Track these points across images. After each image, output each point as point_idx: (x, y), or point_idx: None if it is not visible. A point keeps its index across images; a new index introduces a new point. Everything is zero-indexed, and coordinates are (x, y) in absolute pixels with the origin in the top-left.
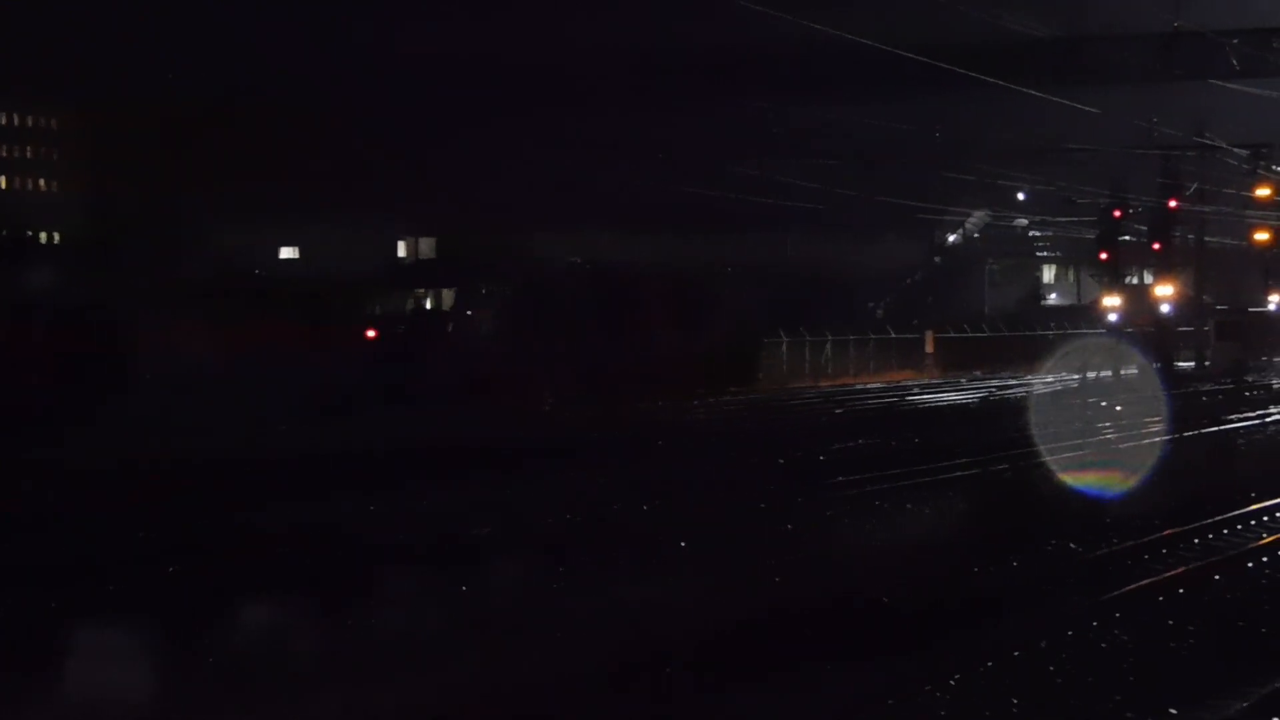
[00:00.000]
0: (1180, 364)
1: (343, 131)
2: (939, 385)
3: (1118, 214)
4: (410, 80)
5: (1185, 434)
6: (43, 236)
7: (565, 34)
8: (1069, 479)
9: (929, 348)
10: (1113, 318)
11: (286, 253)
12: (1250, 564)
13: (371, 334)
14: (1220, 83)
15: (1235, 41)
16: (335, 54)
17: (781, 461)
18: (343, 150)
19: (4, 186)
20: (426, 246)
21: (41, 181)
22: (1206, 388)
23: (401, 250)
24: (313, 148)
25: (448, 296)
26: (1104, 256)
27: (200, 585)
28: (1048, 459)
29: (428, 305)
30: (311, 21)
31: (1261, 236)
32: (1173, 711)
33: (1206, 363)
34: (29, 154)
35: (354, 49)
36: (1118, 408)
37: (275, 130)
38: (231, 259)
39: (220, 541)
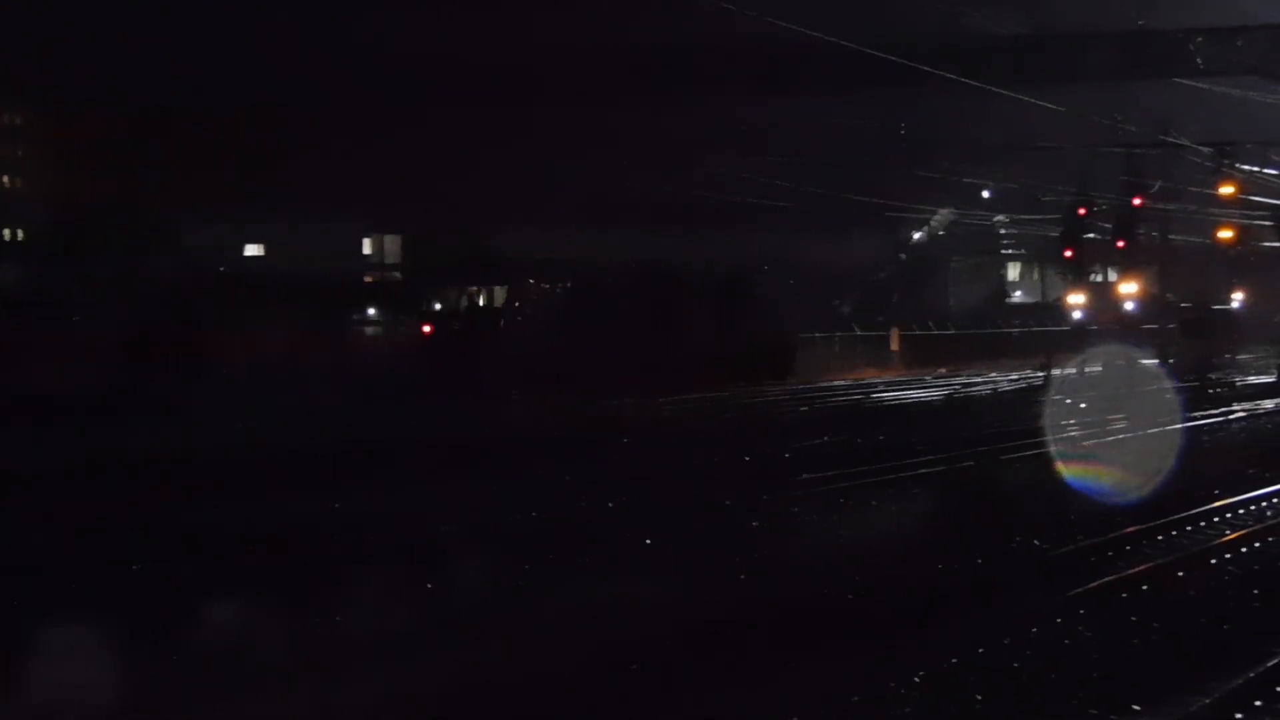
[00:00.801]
0: (1144, 361)
1: (307, 128)
2: (905, 382)
3: (1082, 212)
4: (377, 77)
5: (1149, 431)
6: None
7: (533, 31)
8: (1033, 476)
9: (894, 345)
10: (1077, 315)
11: (252, 249)
12: (1214, 561)
13: (427, 329)
14: (1185, 81)
15: (1199, 40)
16: (301, 52)
17: (747, 459)
18: (308, 147)
19: None
20: (392, 244)
21: (6, 179)
22: (1171, 384)
23: (367, 248)
24: (278, 144)
25: (499, 294)
26: (1068, 254)
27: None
28: (1012, 456)
29: (480, 302)
30: (278, 19)
31: (1225, 234)
32: (1136, 708)
33: (1170, 360)
34: None
35: (320, 47)
36: (1082, 405)
37: (240, 127)
38: (197, 256)
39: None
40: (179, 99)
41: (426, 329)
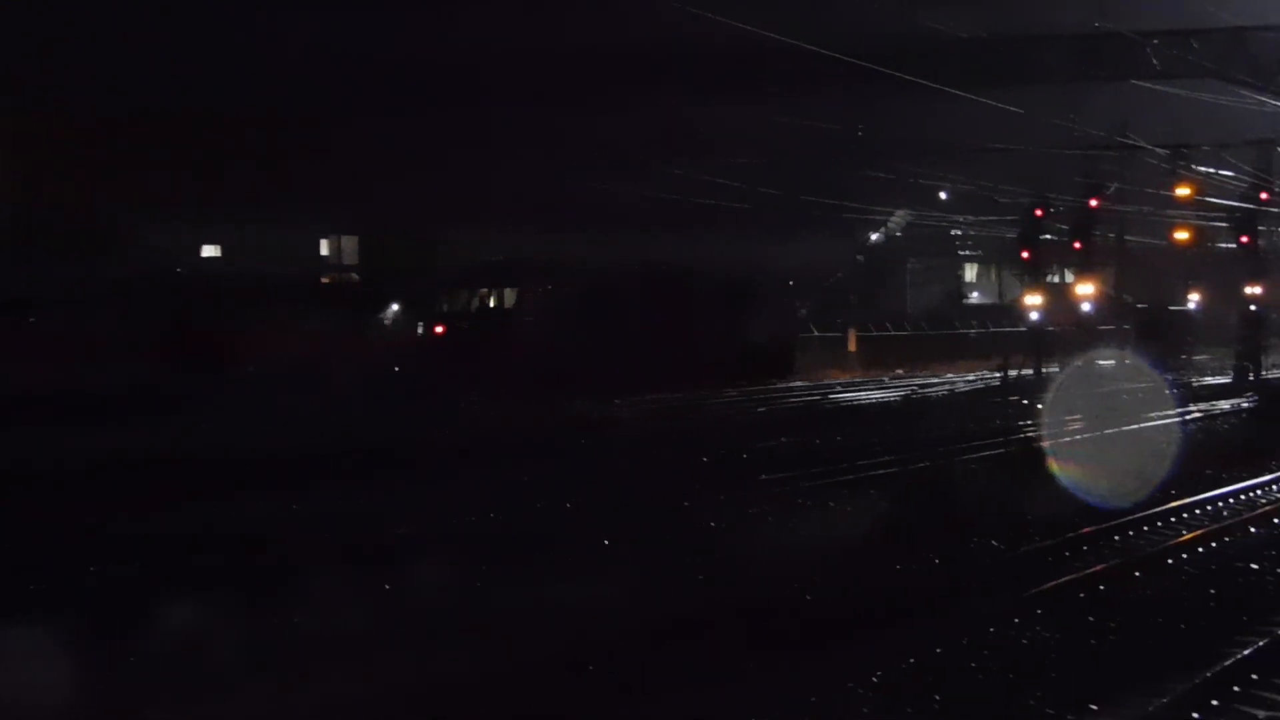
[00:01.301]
0: (1101, 362)
1: (264, 129)
2: (862, 384)
3: (1039, 213)
4: (335, 78)
5: (1106, 431)
6: None
7: (484, 32)
8: (991, 477)
9: (851, 346)
10: (1034, 316)
11: (209, 251)
12: (1170, 560)
13: (439, 330)
14: (1141, 83)
15: (1156, 42)
16: (257, 53)
17: (705, 459)
18: (264, 148)
19: None
20: (349, 245)
21: None
22: (1127, 386)
23: (324, 249)
24: (234, 145)
25: (509, 295)
26: (1025, 255)
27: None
28: (969, 457)
29: (491, 303)
30: (233, 20)
31: (1182, 236)
32: (1093, 708)
33: (1127, 361)
34: None
35: (276, 48)
36: (1039, 406)
37: (197, 129)
38: (154, 257)
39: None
40: (133, 100)
41: (439, 329)
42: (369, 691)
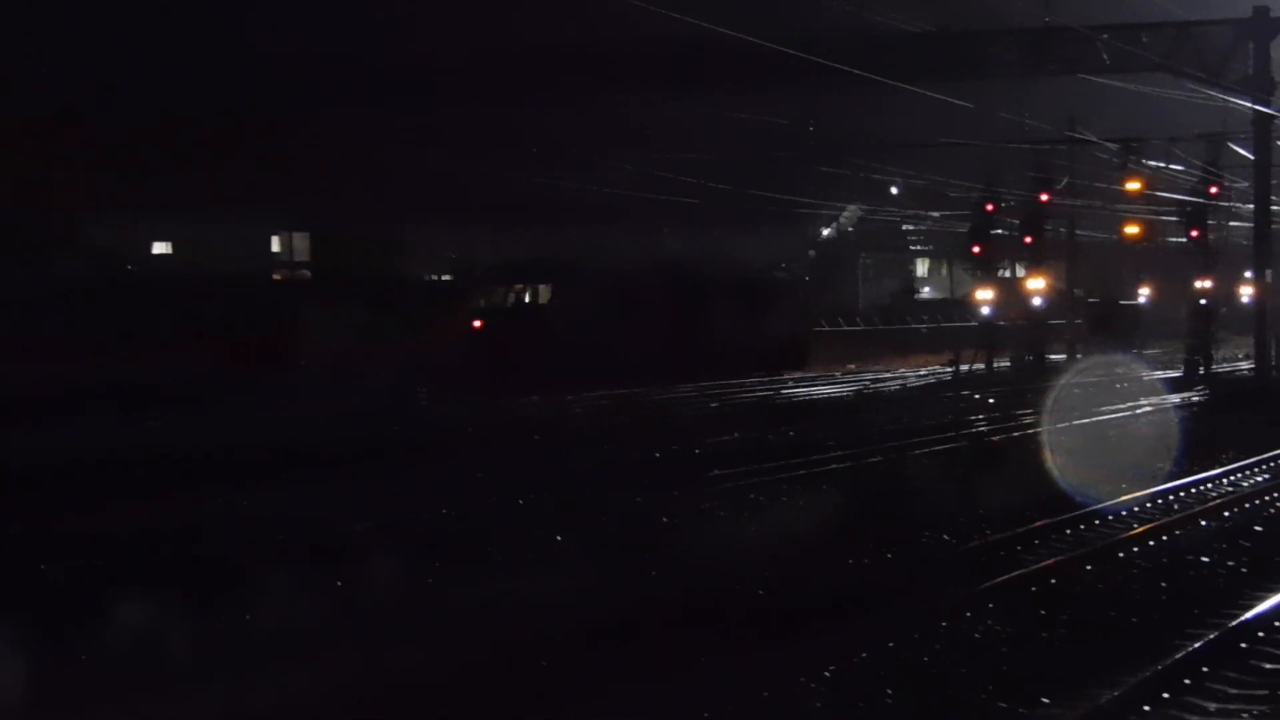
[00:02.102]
0: (1052, 356)
1: (213, 125)
2: (814, 378)
3: (990, 208)
4: (285, 76)
5: (1057, 425)
6: None
7: (438, 29)
8: (942, 471)
9: None
10: (985, 311)
11: (159, 248)
12: (1121, 554)
13: (477, 324)
14: (1091, 77)
15: (1106, 37)
16: (207, 51)
17: (657, 455)
18: (215, 145)
19: None
20: (301, 242)
21: None
22: (1078, 380)
23: (275, 245)
24: (184, 142)
25: (544, 291)
26: (976, 250)
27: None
28: (921, 451)
29: (526, 299)
30: (182, 18)
31: (1132, 230)
32: (1045, 701)
33: (1079, 355)
34: None
35: (227, 46)
36: (990, 400)
37: (146, 126)
38: (104, 254)
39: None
40: (81, 97)
41: (477, 323)
42: (317, 689)
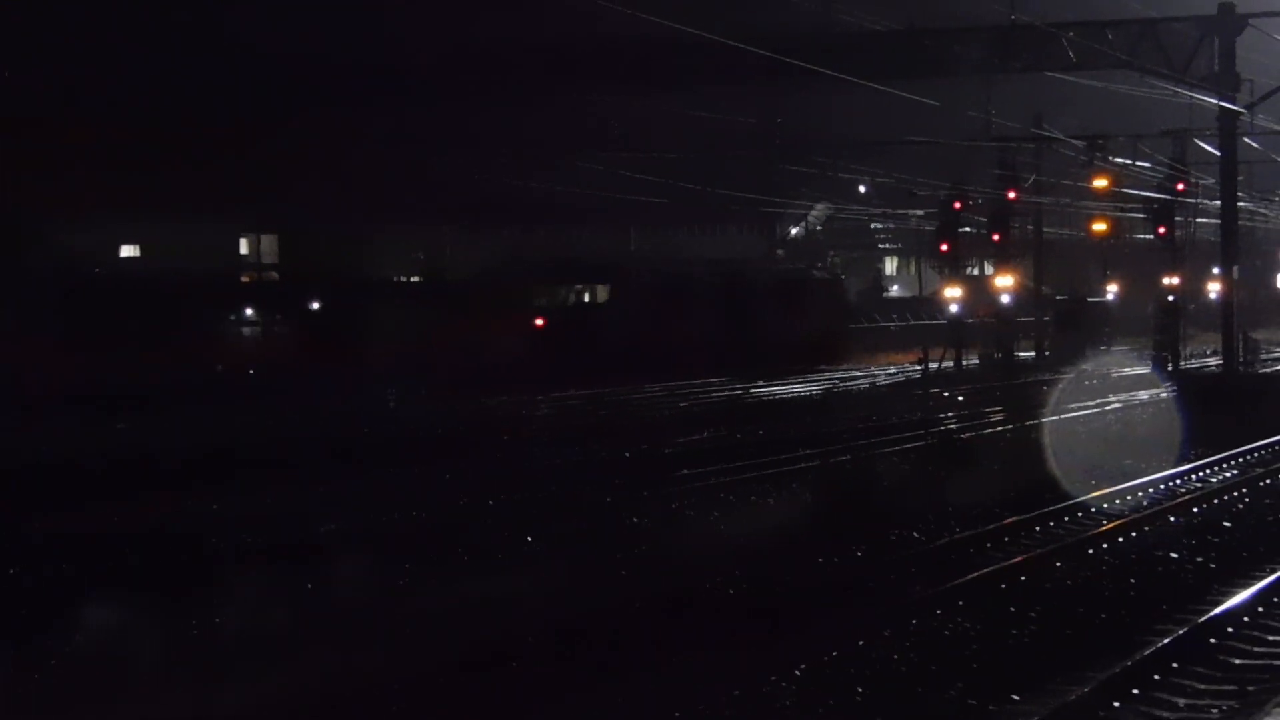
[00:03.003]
0: (1021, 354)
1: (182, 128)
2: (784, 377)
3: (957, 205)
4: (252, 78)
5: (1026, 423)
6: None
7: (402, 28)
8: (912, 469)
9: None
10: (954, 309)
11: (127, 250)
12: (1091, 550)
13: (540, 322)
14: (1057, 75)
15: (1071, 34)
16: (172, 54)
17: (627, 455)
18: (182, 147)
19: None
20: (268, 244)
21: None
22: (1046, 377)
23: (244, 248)
24: (152, 144)
25: (601, 291)
26: (944, 248)
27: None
28: (890, 449)
29: (585, 298)
30: (148, 19)
31: (1099, 227)
32: (1015, 698)
33: (1047, 352)
34: None
35: (193, 48)
36: (959, 398)
37: (113, 128)
38: (72, 256)
39: None
40: (49, 99)
41: (539, 321)
42: (285, 692)
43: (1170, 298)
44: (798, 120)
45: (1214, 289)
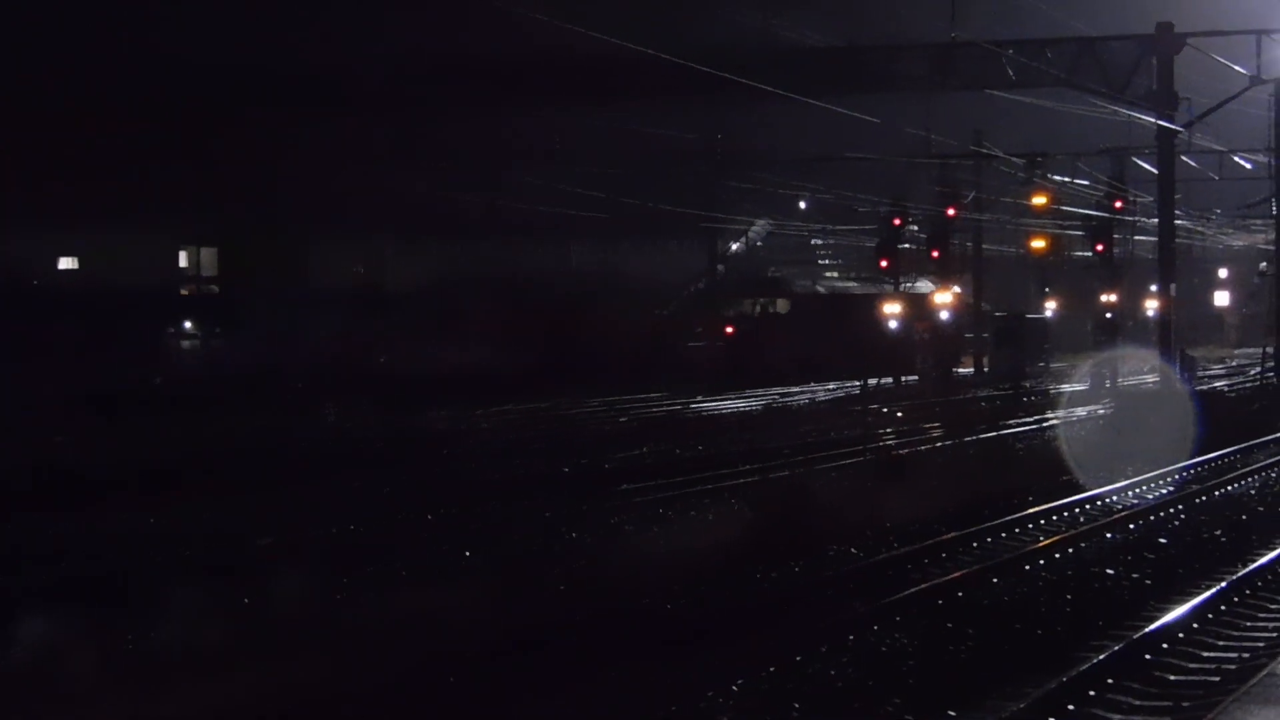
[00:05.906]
0: (960, 370)
1: (119, 139)
2: (723, 393)
3: (897, 222)
4: (190, 88)
5: (965, 439)
6: None
7: (343, 41)
8: (849, 485)
9: None
10: (893, 325)
11: (65, 263)
12: (1027, 566)
13: (730, 330)
14: (997, 93)
15: (1010, 52)
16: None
17: (566, 470)
18: (120, 158)
19: None
20: (208, 256)
21: None
22: (985, 393)
23: (183, 260)
24: (90, 153)
25: (782, 304)
26: (884, 264)
27: None
28: (828, 465)
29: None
30: (89, 23)
31: (1038, 244)
32: (951, 713)
33: (985, 369)
34: None
35: (133, 52)
36: (899, 414)
37: (51, 136)
38: (8, 267)
39: None
40: None
41: (729, 329)
42: (223, 705)
43: (1108, 315)
44: (739, 136)
45: (1152, 306)
